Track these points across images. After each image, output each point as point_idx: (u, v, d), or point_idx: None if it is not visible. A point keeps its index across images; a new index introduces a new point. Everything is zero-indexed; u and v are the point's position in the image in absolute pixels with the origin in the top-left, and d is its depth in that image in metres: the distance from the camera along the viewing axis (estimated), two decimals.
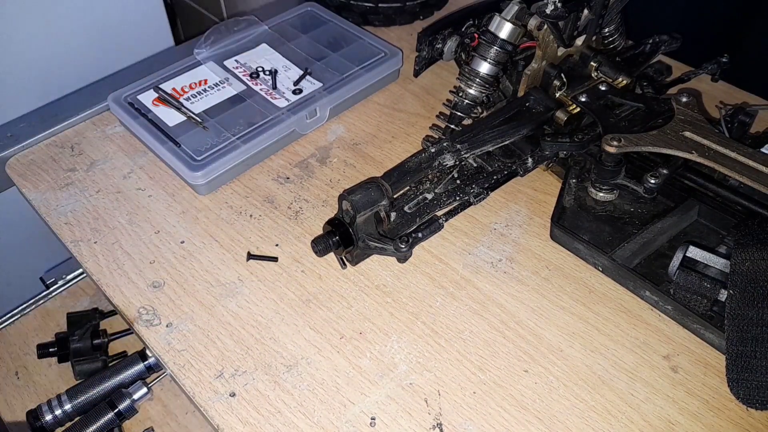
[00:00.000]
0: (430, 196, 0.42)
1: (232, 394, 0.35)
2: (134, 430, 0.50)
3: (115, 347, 0.54)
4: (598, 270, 0.40)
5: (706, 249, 0.38)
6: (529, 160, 0.44)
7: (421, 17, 0.63)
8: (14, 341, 0.56)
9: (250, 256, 0.41)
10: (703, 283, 0.37)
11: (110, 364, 0.51)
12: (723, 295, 0.36)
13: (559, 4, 0.42)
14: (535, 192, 0.46)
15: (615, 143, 0.40)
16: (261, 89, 0.51)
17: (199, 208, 0.45)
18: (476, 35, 0.46)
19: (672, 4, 0.59)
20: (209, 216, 0.45)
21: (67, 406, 0.47)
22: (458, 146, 0.42)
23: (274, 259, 0.41)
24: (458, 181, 0.43)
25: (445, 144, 0.42)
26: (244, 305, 0.39)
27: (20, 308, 0.58)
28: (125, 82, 0.51)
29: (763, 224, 0.38)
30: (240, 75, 0.52)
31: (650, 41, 0.52)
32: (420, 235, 0.39)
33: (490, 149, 0.43)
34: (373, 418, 0.34)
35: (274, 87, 0.51)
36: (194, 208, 0.45)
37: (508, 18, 0.43)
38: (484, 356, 0.36)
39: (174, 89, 0.51)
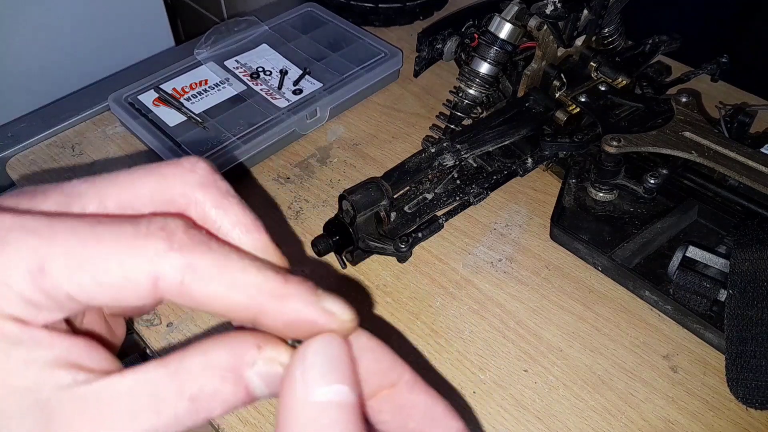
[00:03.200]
0: (430, 196, 0.42)
1: None
2: None
3: None
4: (598, 270, 0.40)
5: (705, 249, 0.38)
6: (529, 160, 0.44)
7: (421, 17, 0.63)
8: None
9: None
10: (703, 283, 0.37)
11: None
12: (723, 295, 0.36)
13: (558, 5, 0.42)
14: (535, 192, 0.46)
15: (615, 143, 0.40)
16: (261, 89, 0.51)
17: None
18: (476, 35, 0.46)
19: (672, 4, 0.59)
20: None
21: None
22: (458, 146, 0.42)
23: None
24: (458, 181, 0.43)
25: (445, 144, 0.42)
26: None
27: None
28: (126, 82, 0.51)
29: (762, 224, 0.38)
30: (240, 75, 0.52)
31: (650, 41, 0.52)
32: (420, 235, 0.39)
33: (490, 149, 0.43)
34: None
35: (281, 87, 0.51)
36: None
37: (508, 18, 0.43)
38: (484, 356, 0.36)
39: (174, 89, 0.51)
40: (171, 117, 0.48)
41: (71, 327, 0.19)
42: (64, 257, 0.17)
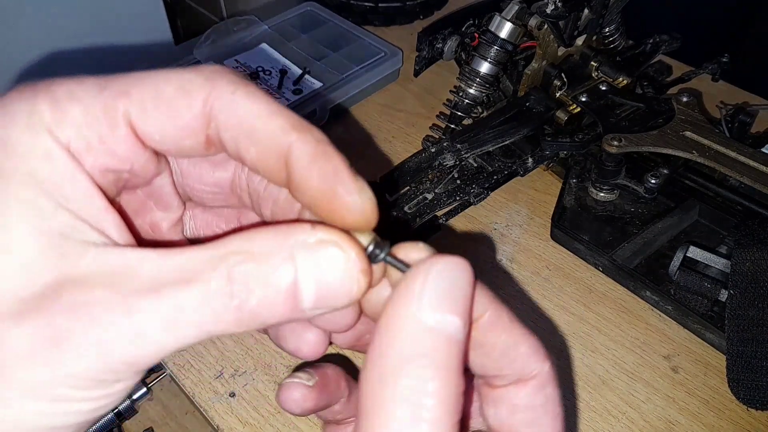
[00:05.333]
0: (430, 196, 0.42)
1: (232, 395, 0.35)
2: (134, 430, 0.50)
3: None
4: (599, 270, 0.40)
5: (706, 249, 0.38)
6: (530, 159, 0.44)
7: (421, 17, 0.63)
8: None
9: None
10: (704, 284, 0.37)
11: None
12: (723, 295, 0.36)
13: (559, 4, 0.42)
14: (536, 192, 0.46)
15: (615, 143, 0.40)
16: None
17: None
18: (476, 35, 0.46)
19: (672, 4, 0.59)
20: None
21: None
22: (458, 146, 0.42)
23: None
24: (458, 181, 0.43)
25: (445, 144, 0.42)
26: None
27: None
28: None
29: (763, 224, 0.38)
30: None
31: (650, 41, 0.52)
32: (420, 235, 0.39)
33: (491, 149, 0.43)
34: None
35: (280, 86, 0.51)
36: None
37: (509, 17, 0.43)
38: None
39: None
40: None
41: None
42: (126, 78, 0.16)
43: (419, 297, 0.16)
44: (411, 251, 0.18)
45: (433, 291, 0.16)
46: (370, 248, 0.17)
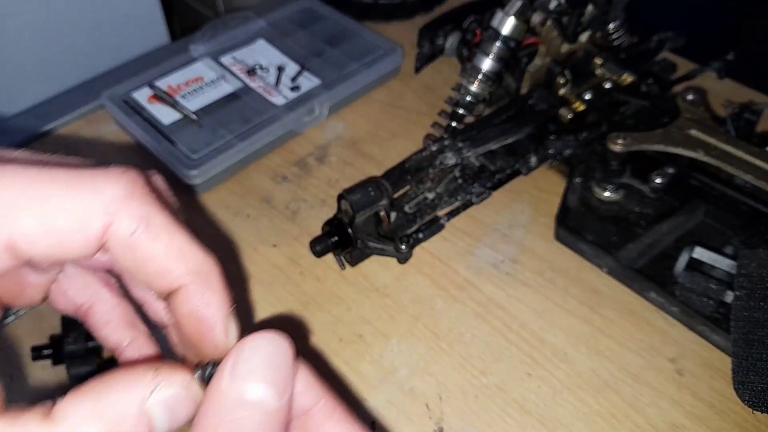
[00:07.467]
0: (431, 196, 0.41)
1: None
2: None
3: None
4: (603, 271, 0.40)
5: (712, 250, 0.37)
6: (533, 158, 0.43)
7: (422, 12, 0.62)
8: (8, 343, 0.55)
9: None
10: (710, 285, 0.36)
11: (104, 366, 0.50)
12: (729, 296, 0.35)
13: (563, 0, 0.41)
14: (539, 191, 0.45)
15: (620, 141, 0.39)
16: (258, 86, 0.50)
17: (194, 208, 0.44)
18: (478, 31, 0.45)
19: (678, 1, 0.58)
20: (204, 215, 0.44)
21: None
22: (460, 144, 0.41)
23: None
24: (460, 181, 0.43)
25: (446, 142, 0.41)
26: None
27: (14, 310, 0.57)
28: (120, 79, 0.50)
29: None
30: (236, 72, 0.51)
31: (655, 38, 0.51)
32: (421, 235, 0.39)
33: (493, 147, 0.42)
34: (373, 422, 0.33)
35: (278, 83, 0.50)
36: (189, 208, 0.44)
37: (511, 13, 0.42)
38: (487, 360, 0.36)
39: (170, 86, 0.50)
40: (166, 115, 0.47)
41: None
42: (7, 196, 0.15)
43: (227, 372, 0.16)
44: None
45: (242, 365, 0.16)
46: (208, 370, 0.18)
